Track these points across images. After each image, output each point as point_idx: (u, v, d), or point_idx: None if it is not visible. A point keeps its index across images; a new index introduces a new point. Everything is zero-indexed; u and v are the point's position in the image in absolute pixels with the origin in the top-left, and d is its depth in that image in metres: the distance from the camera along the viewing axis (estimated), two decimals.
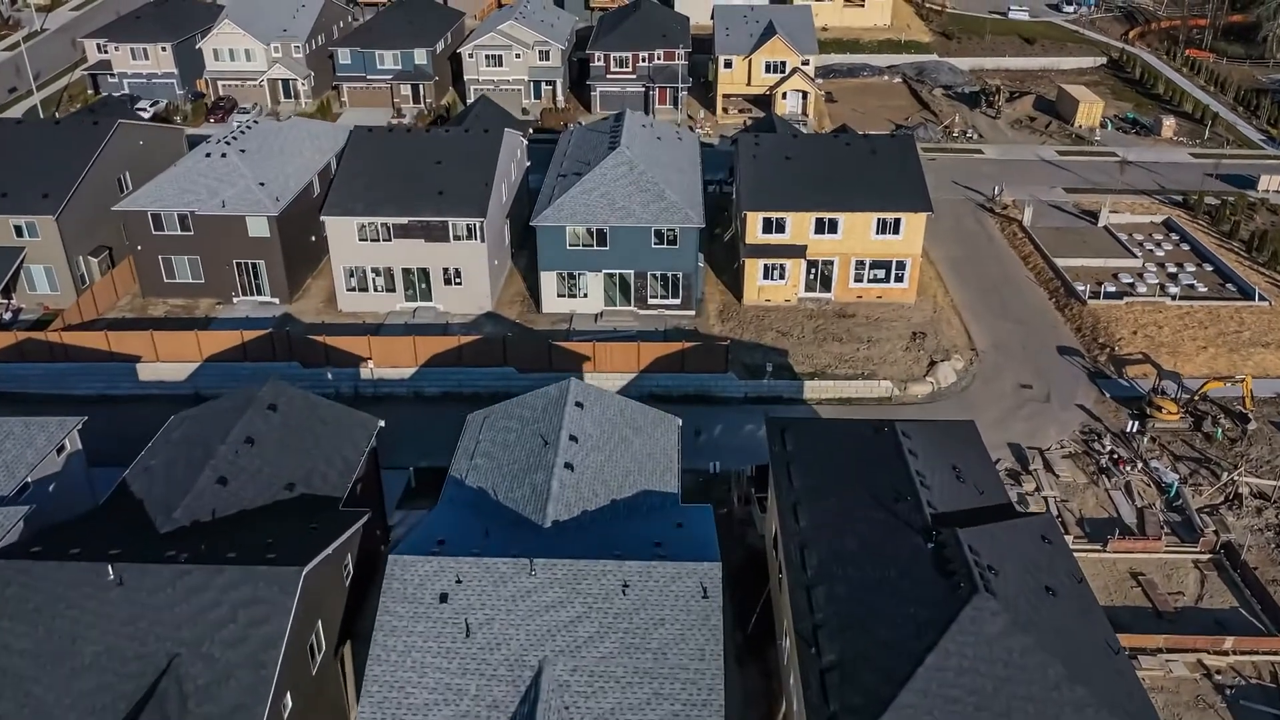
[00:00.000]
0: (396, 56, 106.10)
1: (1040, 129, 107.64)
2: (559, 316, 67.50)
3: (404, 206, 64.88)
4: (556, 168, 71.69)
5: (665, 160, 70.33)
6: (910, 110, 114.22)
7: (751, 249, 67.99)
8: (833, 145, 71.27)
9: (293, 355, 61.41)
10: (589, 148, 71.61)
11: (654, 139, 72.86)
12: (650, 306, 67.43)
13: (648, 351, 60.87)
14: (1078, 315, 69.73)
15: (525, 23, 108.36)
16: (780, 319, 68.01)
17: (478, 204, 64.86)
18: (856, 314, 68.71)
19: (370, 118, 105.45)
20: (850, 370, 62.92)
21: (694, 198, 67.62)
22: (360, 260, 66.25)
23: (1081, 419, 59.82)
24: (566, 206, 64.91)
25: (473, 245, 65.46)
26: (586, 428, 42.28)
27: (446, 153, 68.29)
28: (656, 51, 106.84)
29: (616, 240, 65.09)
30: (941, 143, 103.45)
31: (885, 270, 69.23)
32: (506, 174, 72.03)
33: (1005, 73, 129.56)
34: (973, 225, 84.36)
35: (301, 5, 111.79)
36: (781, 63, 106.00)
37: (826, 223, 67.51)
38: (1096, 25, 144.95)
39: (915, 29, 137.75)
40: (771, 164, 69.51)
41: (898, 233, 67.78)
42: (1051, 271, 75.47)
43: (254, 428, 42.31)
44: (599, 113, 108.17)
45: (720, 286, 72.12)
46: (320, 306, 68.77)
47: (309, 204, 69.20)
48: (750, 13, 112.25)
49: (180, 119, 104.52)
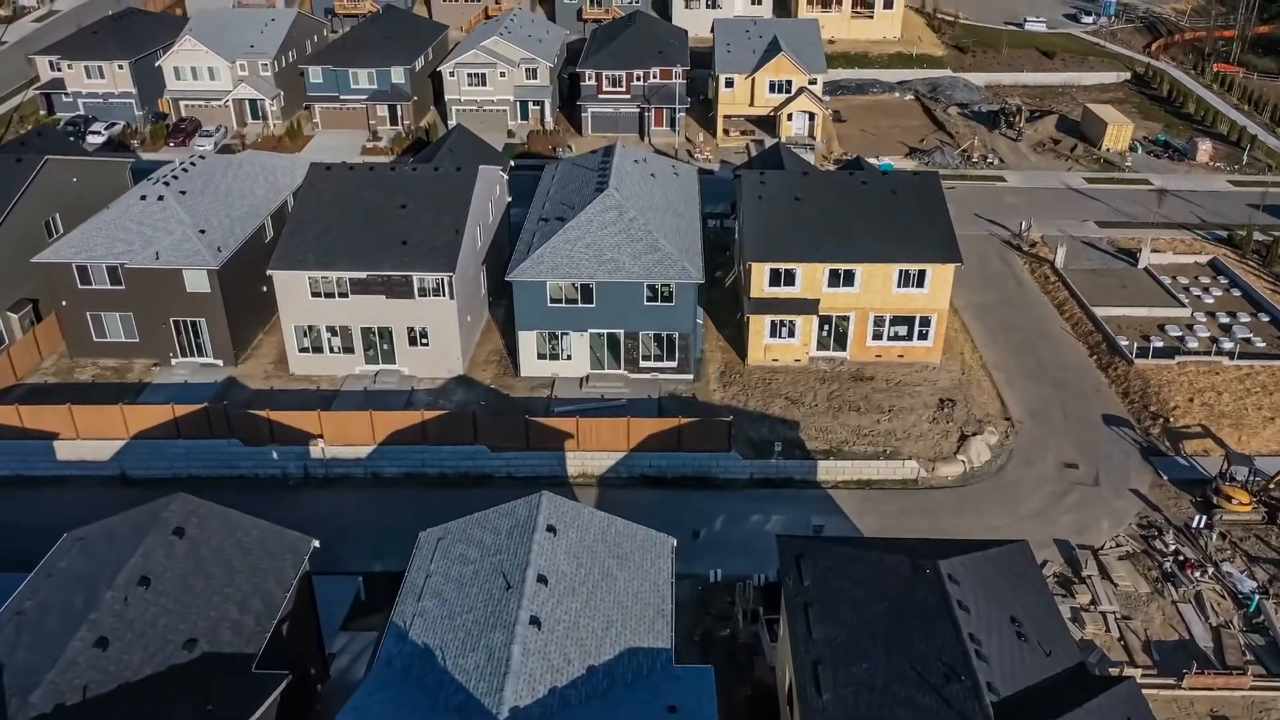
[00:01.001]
0: (371, 75, 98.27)
1: (1065, 153, 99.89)
2: (539, 381, 59.73)
3: (362, 259, 57.10)
4: (538, 209, 63.91)
5: (659, 202, 62.55)
6: (924, 131, 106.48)
7: (757, 304, 60.21)
8: (848, 184, 63.47)
9: (232, 431, 53.63)
10: (574, 187, 63.84)
11: (647, 177, 65.06)
12: (643, 369, 59.67)
13: (639, 428, 53.11)
14: (1124, 377, 61.95)
15: (511, 38, 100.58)
16: (789, 383, 60.24)
17: (446, 256, 57.07)
18: (875, 376, 60.94)
19: (344, 141, 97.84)
20: (870, 446, 55.15)
21: (692, 247, 59.83)
22: (313, 318, 58.47)
23: (1138, 508, 52.04)
24: (547, 259, 57.13)
25: (441, 303, 57.68)
26: (559, 562, 34.51)
27: (413, 194, 60.51)
28: (652, 70, 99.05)
29: (604, 297, 57.32)
30: (960, 169, 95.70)
31: (907, 327, 61.46)
32: (483, 215, 64.32)
33: (1023, 89, 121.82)
34: (999, 266, 76.57)
35: (271, 20, 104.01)
36: (787, 82, 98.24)
37: (842, 275, 59.77)
38: (1118, 37, 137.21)
39: (927, 42, 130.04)
40: (779, 207, 61.75)
41: (922, 286, 60.03)
42: (1090, 323, 67.68)
43: (152, 563, 34.55)
44: (590, 135, 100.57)
45: (721, 342, 64.33)
46: (270, 368, 60.95)
47: (259, 251, 61.36)
48: (753, 27, 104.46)
49: (138, 142, 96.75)
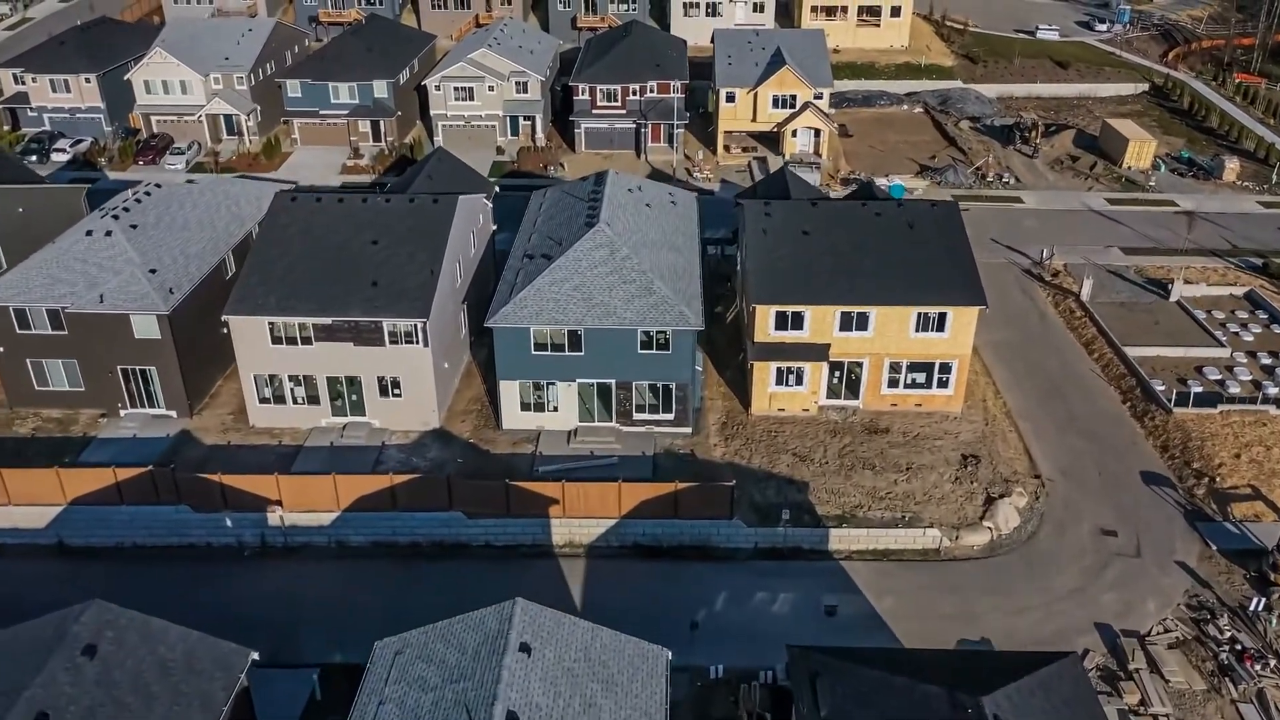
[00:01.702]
0: (353, 89, 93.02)
1: (1084, 171, 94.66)
2: (523, 434, 54.51)
3: (328, 302, 51.86)
4: (522, 243, 58.68)
5: (655, 237, 57.32)
6: (935, 147, 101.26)
7: (762, 349, 54.99)
8: (860, 216, 58.21)
9: (181, 496, 48.41)
10: (562, 219, 58.62)
11: (641, 208, 59.83)
12: (636, 422, 54.44)
13: (631, 494, 47.89)
14: (1162, 428, 56.72)
15: (500, 50, 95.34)
16: (797, 435, 55.02)
17: (420, 300, 51.84)
18: (891, 428, 55.71)
19: (324, 158, 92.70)
20: (887, 511, 49.93)
21: (691, 287, 54.59)
22: (275, 367, 53.25)
23: (1186, 584, 46.83)
24: (531, 302, 51.89)
25: (414, 351, 52.45)
26: (534, 692, 29.30)
27: (386, 229, 55.29)
28: (649, 83, 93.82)
29: (593, 344, 52.11)
30: (974, 188, 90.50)
31: (926, 374, 56.27)
32: (463, 249, 59.12)
33: (1036, 101, 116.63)
34: (1021, 299, 71.33)
35: (247, 30, 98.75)
36: (791, 96, 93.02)
37: (855, 318, 54.58)
38: (1134, 46, 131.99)
39: (936, 51, 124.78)
40: (785, 241, 56.54)
41: (942, 330, 54.84)
42: (1122, 364, 62.46)
43: (53, 694, 29.33)
44: (583, 152, 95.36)
45: (723, 388, 59.11)
46: (229, 420, 55.69)
47: (219, 289, 56.07)
48: (755, 39, 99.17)
49: (105, 161, 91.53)
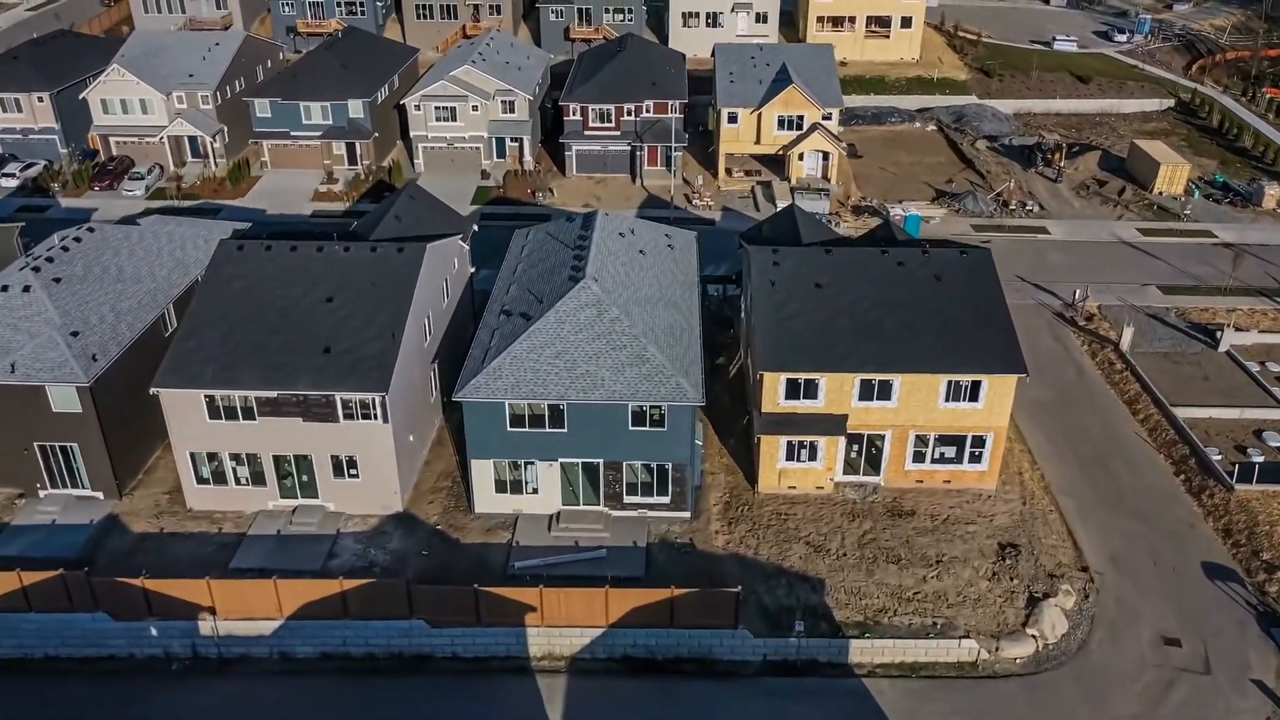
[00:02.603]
0: (326, 109, 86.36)
1: (1113, 197, 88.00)
2: (499, 519, 47.85)
3: (273, 372, 45.18)
4: (500, 295, 52.00)
5: (650, 291, 50.64)
6: (950, 169, 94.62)
7: (770, 421, 48.37)
8: (881, 267, 51.54)
9: (99, 603, 41.78)
10: (545, 268, 51.96)
11: (634, 255, 53.17)
12: (628, 505, 47.80)
13: (621, 600, 41.26)
14: (1222, 507, 50.11)
15: (485, 66, 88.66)
16: (811, 519, 48.38)
17: (379, 370, 45.17)
18: (917, 510, 49.08)
19: (295, 182, 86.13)
20: (916, 615, 43.30)
21: (690, 352, 47.89)
22: (213, 444, 46.62)
23: (1267, 710, 40.21)
24: (506, 372, 45.23)
25: (373, 427, 45.80)
26: None
27: (343, 283, 48.64)
28: (646, 103, 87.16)
29: (578, 420, 45.49)
30: (995, 217, 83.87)
31: (956, 448, 49.65)
32: (433, 302, 52.53)
33: (1056, 118, 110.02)
34: (1053, 348, 64.70)
35: (215, 44, 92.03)
36: (798, 117, 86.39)
37: (876, 386, 47.96)
38: (1156, 58, 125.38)
39: (948, 64, 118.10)
40: (796, 296, 49.90)
41: (976, 400, 48.22)
42: (1171, 427, 55.87)
43: None
44: (574, 176, 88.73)
45: (725, 459, 52.49)
46: (164, 501, 48.97)
47: (155, 350, 49.27)
48: (759, 54, 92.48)
49: (59, 186, 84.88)
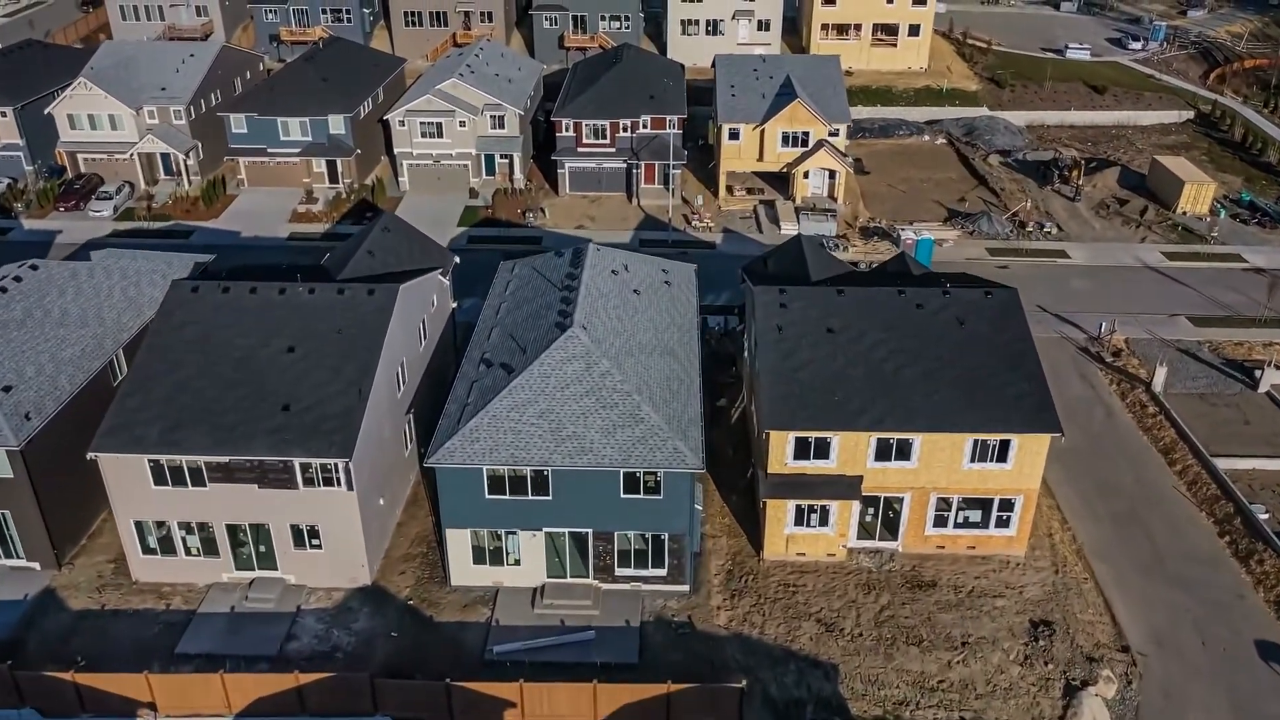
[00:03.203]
0: (305, 125, 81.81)
1: (1134, 217, 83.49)
2: (477, 593, 43.31)
3: (225, 435, 40.64)
4: (481, 338, 47.43)
5: (645, 338, 46.07)
6: (962, 185, 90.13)
7: (778, 484, 43.85)
8: (898, 309, 46.99)
9: (24, 698, 37.26)
10: (530, 311, 47.40)
11: (627, 296, 48.58)
12: (619, 578, 43.26)
13: (610, 697, 36.75)
14: (1274, 575, 45.54)
15: (473, 79, 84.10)
16: (822, 591, 43.88)
17: (343, 432, 40.63)
18: (939, 580, 44.55)
19: (273, 202, 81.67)
20: (941, 708, 38.78)
21: (689, 408, 43.31)
22: (159, 512, 42.08)
23: None
24: (484, 434, 40.68)
25: (336, 494, 41.26)
26: None
27: (306, 330, 44.11)
28: (642, 118, 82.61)
29: (564, 487, 40.96)
30: (1012, 239, 79.32)
31: (982, 511, 45.14)
32: (407, 347, 48.02)
33: (1070, 130, 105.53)
34: (1079, 388, 60.19)
35: (189, 55, 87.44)
36: (804, 134, 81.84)
37: (894, 445, 43.45)
38: (1172, 67, 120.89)
39: (958, 74, 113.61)
40: (806, 344, 45.37)
41: (1004, 460, 43.71)
42: (1212, 480, 51.37)
43: None
44: (568, 195, 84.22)
45: (727, 519, 47.98)
46: (108, 572, 44.34)
47: (101, 401, 44.77)
48: (762, 65, 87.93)
49: (22, 206, 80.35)
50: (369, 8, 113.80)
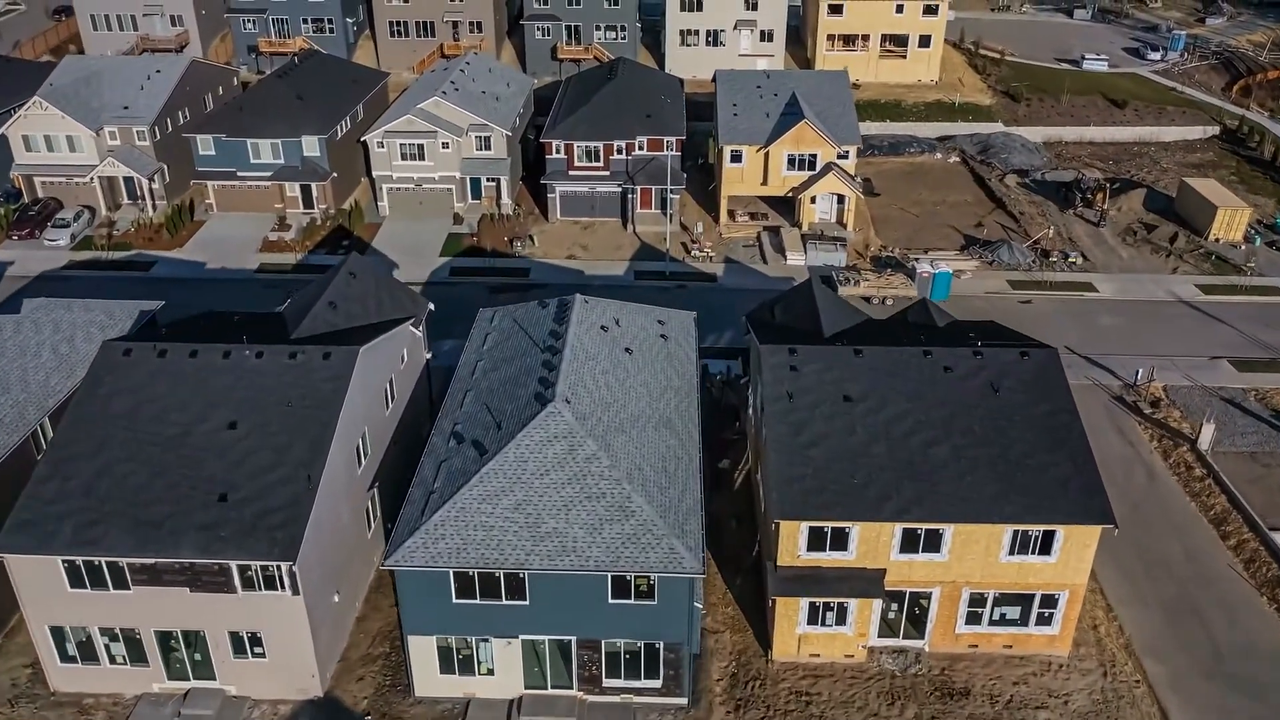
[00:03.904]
0: (276, 147, 76.33)
1: (1163, 244, 78.06)
2: (447, 706, 37.90)
3: (149, 533, 35.19)
4: (453, 409, 41.98)
5: (638, 406, 40.64)
6: (978, 208, 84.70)
7: (789, 580, 38.45)
8: (924, 373, 41.58)
9: None
10: (508, 374, 41.95)
11: (619, 356, 43.13)
12: (608, 689, 37.84)
13: None
14: None
15: (457, 97, 78.62)
16: (840, 701, 38.45)
17: (288, 529, 35.17)
18: (973, 687, 39.15)
19: (243, 229, 76.31)
20: None
21: (688, 495, 37.85)
22: (78, 617, 36.68)
23: None
24: (450, 530, 35.28)
25: (280, 599, 35.85)
26: None
27: (252, 403, 38.69)
28: (639, 139, 77.22)
29: (544, 591, 35.55)
30: (1034, 269, 73.86)
31: (1021, 608, 39.75)
32: (370, 415, 42.64)
33: (1090, 147, 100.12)
34: (1118, 445, 54.76)
35: (155, 72, 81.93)
36: (811, 156, 76.46)
37: (922, 536, 38.06)
38: (1194, 79, 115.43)
39: (970, 86, 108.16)
40: (820, 415, 39.98)
41: (1048, 553, 38.32)
42: (1271, 557, 45.95)
43: None
44: (559, 221, 78.85)
45: (730, 608, 42.56)
46: (24, 679, 38.85)
47: (20, 483, 39.32)
48: (765, 82, 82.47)
49: None
50: (353, 18, 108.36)
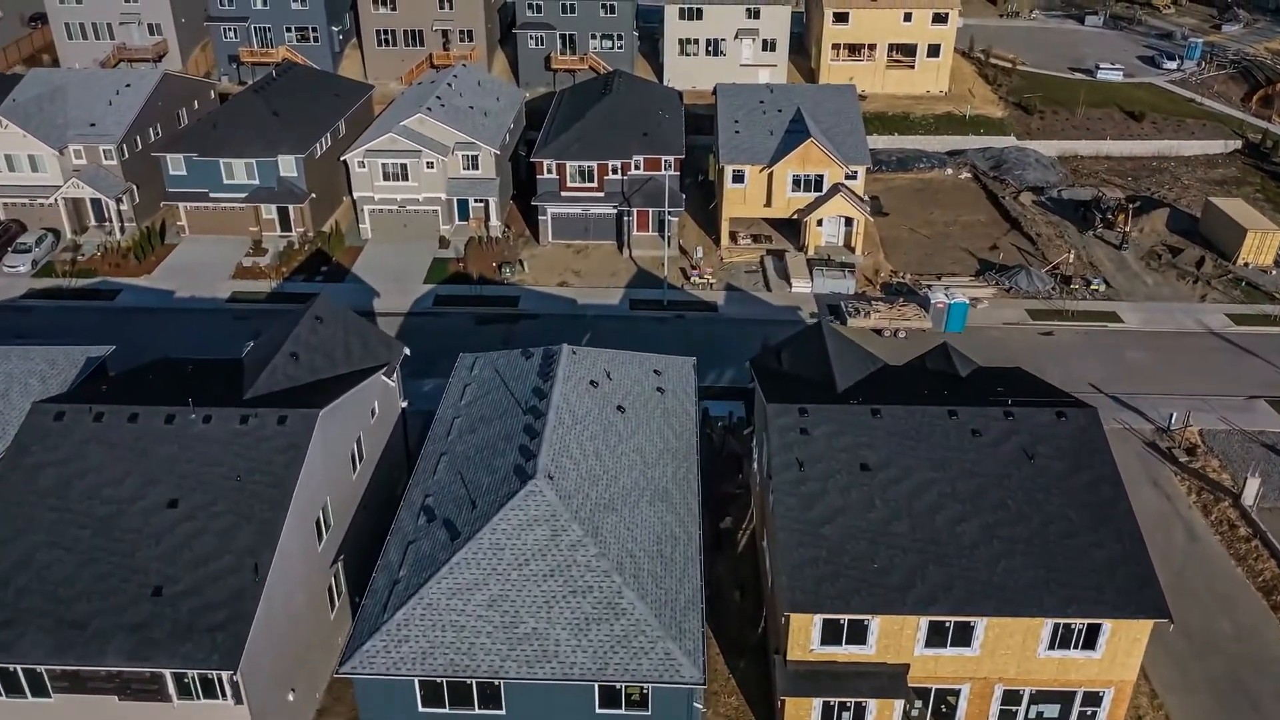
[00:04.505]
0: (251, 167, 72.01)
1: (1189, 269, 73.75)
2: None
3: (71, 635, 30.84)
4: (424, 476, 37.65)
5: (630, 478, 36.29)
6: (993, 229, 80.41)
7: (799, 677, 34.14)
8: (949, 436, 37.31)
9: None
10: (485, 441, 37.61)
11: (609, 416, 38.79)
12: None
13: None
14: None
15: (443, 114, 74.27)
16: None
17: (228, 630, 30.83)
18: None
19: (216, 254, 72.20)
20: None
21: (686, 583, 33.48)
22: None
23: None
24: (415, 631, 30.95)
25: (223, 709, 31.52)
26: None
27: (197, 474, 34.37)
28: (635, 158, 72.89)
29: (522, 701, 31.24)
30: (1054, 297, 69.56)
31: (1061, 706, 35.44)
32: (336, 480, 38.37)
33: (1107, 162, 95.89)
34: (1154, 499, 50.44)
35: (125, 86, 77.54)
36: (817, 177, 72.17)
37: (950, 629, 33.78)
38: (1213, 89, 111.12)
39: (981, 97, 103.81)
40: (835, 485, 35.69)
41: (1092, 647, 34.03)
42: None
43: None
44: (550, 243, 74.62)
45: (735, 696, 38.19)
46: None
47: None
48: (769, 97, 78.10)
49: None
50: (338, 26, 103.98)
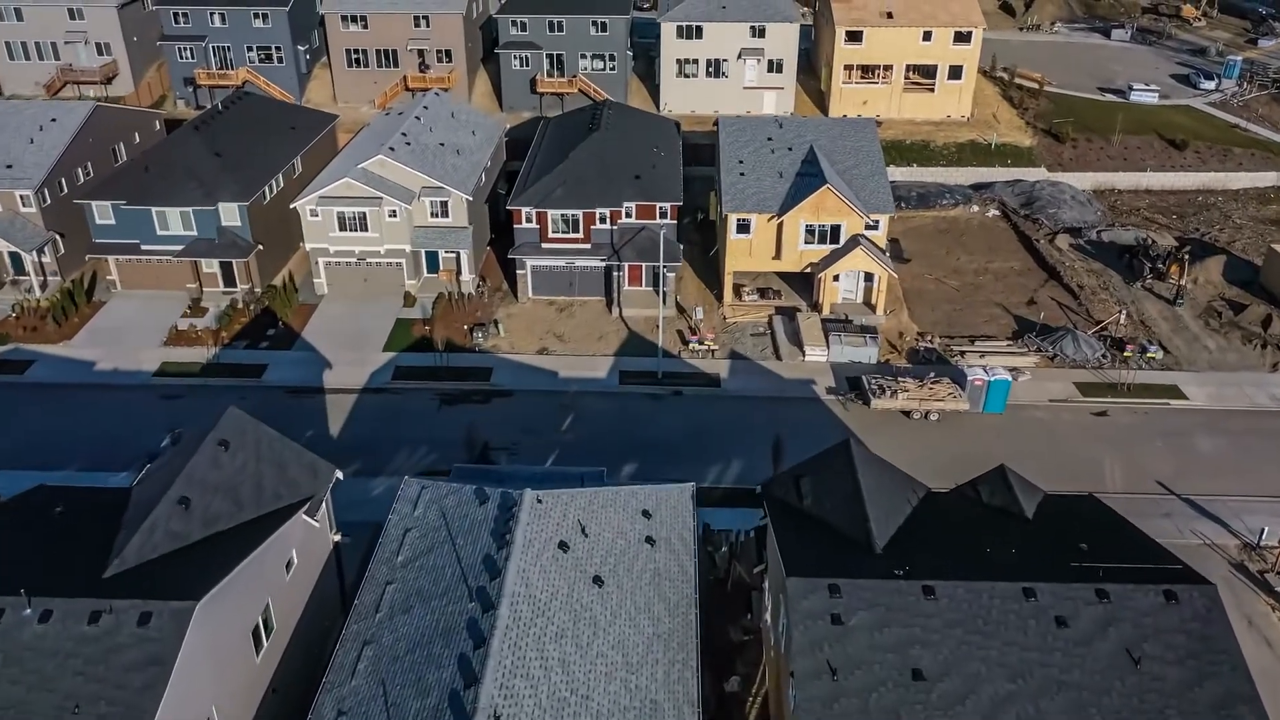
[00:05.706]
0: (188, 217, 63.11)
1: (1255, 330, 64.85)
2: None
3: None
4: (343, 669, 28.68)
5: (610, 695, 27.35)
6: (1028, 280, 71.44)
7: None
8: (1026, 627, 28.34)
9: None
10: (419, 629, 28.63)
11: (582, 593, 29.76)
12: None
13: None
14: None
15: (408, 154, 65.35)
16: None
17: None
18: None
19: (151, 314, 63.63)
20: None
21: None
22: None
23: None
24: None
25: None
26: None
27: (23, 703, 25.49)
28: (626, 205, 64.04)
29: None
30: (1106, 366, 60.70)
31: None
32: (229, 675, 29.49)
33: (1148, 196, 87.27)
34: (1250, 648, 41.18)
35: (50, 120, 68.57)
36: (834, 227, 63.30)
37: None
38: (1257, 112, 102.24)
39: (1006, 122, 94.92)
40: (879, 705, 26.79)
41: None
42: None
43: None
44: (530, 299, 65.80)
45: None
46: None
47: None
48: (778, 132, 68.94)
49: None
50: (305, 45, 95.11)
